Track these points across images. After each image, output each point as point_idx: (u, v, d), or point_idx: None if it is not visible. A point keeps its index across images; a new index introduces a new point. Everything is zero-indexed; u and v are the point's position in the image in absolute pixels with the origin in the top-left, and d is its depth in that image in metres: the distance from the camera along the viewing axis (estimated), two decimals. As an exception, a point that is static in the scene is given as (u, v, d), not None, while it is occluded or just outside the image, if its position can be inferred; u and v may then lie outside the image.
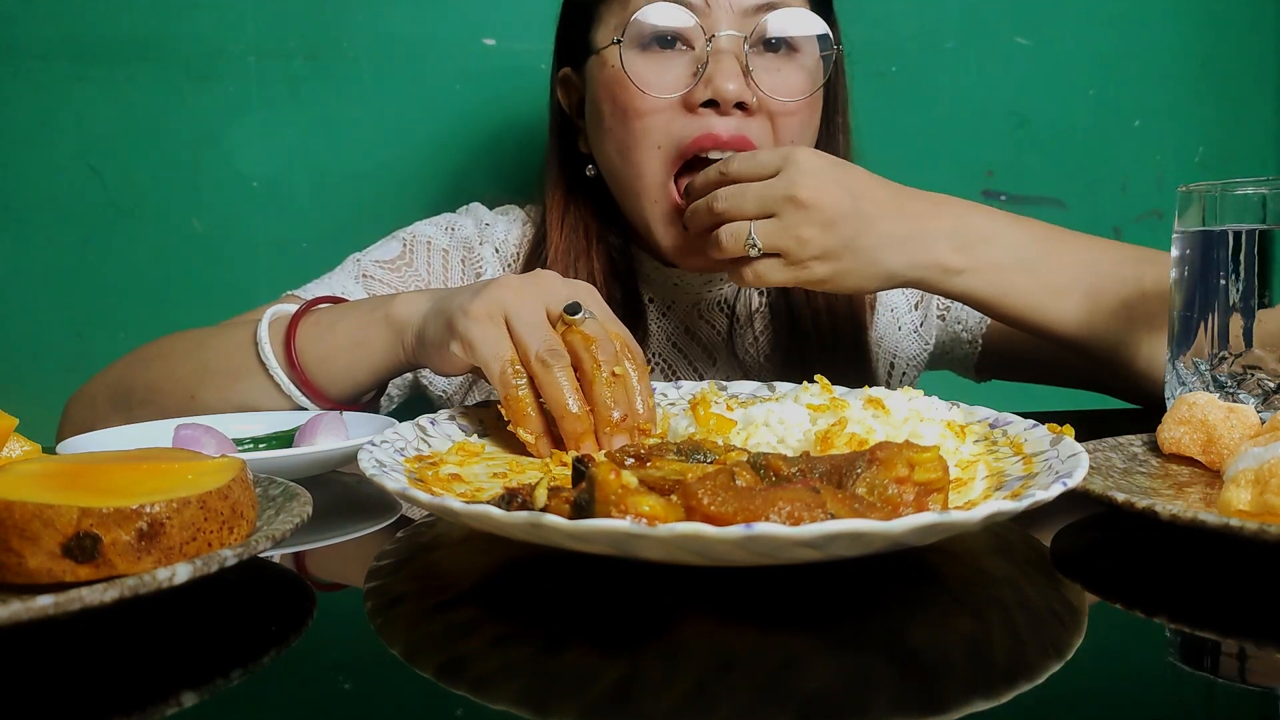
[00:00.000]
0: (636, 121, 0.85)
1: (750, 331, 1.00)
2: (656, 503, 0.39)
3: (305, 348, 0.76)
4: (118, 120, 1.18)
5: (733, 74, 0.82)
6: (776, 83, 0.85)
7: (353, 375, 0.76)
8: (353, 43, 1.22)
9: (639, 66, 0.85)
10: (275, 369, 0.76)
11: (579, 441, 0.61)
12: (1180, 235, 0.74)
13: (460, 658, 0.37)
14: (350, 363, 0.75)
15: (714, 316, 1.00)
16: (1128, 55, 1.40)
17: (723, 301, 1.00)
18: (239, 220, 1.21)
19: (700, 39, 0.84)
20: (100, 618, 0.37)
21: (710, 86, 0.83)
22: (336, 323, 0.76)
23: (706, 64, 0.83)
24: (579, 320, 0.64)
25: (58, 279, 1.19)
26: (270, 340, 0.76)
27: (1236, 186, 0.71)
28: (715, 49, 0.83)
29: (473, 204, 1.03)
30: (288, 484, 0.50)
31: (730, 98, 0.82)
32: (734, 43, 0.83)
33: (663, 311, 1.00)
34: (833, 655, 0.37)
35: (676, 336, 1.00)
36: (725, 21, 0.84)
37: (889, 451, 0.45)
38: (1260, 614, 0.42)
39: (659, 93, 0.84)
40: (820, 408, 0.60)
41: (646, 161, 0.86)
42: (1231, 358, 0.72)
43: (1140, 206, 1.42)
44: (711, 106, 0.83)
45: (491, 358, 0.63)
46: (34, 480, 0.40)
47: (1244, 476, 0.48)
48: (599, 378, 0.62)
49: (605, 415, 0.61)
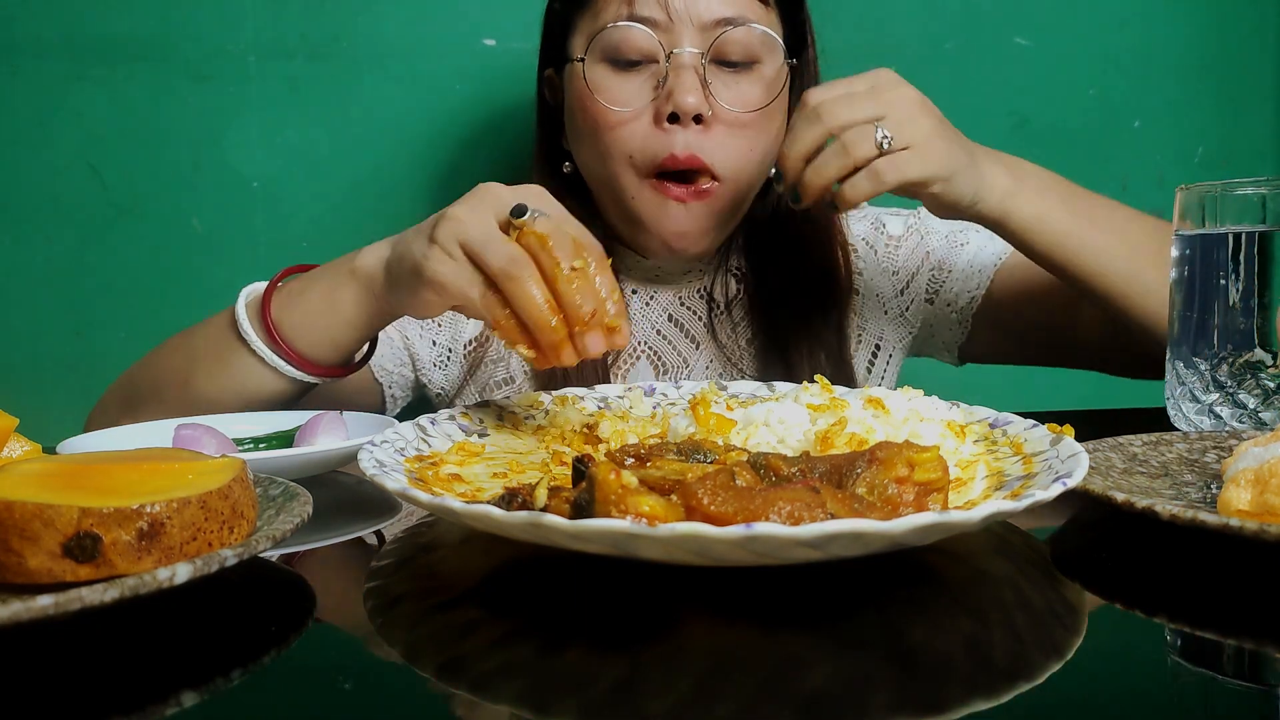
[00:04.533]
0: (608, 133, 0.89)
1: (729, 319, 1.02)
2: (656, 503, 0.39)
3: (281, 318, 0.76)
4: (117, 120, 1.18)
5: (691, 88, 0.86)
6: (733, 96, 0.88)
7: (332, 336, 0.77)
8: (353, 43, 1.22)
9: (606, 82, 0.89)
10: (257, 344, 0.76)
11: (558, 351, 0.61)
12: (1180, 235, 0.74)
13: (460, 658, 0.37)
14: (328, 325, 0.76)
15: (695, 304, 1.03)
16: (1128, 55, 1.40)
17: (702, 290, 1.03)
18: (239, 220, 1.21)
19: (662, 55, 0.87)
20: (100, 618, 0.37)
21: (671, 100, 0.86)
22: (307, 288, 0.77)
23: (666, 78, 0.87)
24: (529, 220, 0.62)
25: (57, 278, 1.19)
26: (248, 316, 0.77)
27: (1236, 186, 0.71)
28: (675, 64, 0.87)
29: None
30: (288, 484, 0.50)
31: (689, 111, 0.86)
32: (693, 58, 0.87)
33: (646, 302, 1.02)
34: (833, 655, 0.37)
35: (661, 325, 1.02)
36: (687, 37, 0.87)
37: (889, 451, 0.45)
38: (1260, 614, 0.42)
39: (623, 107, 0.88)
40: (820, 408, 0.60)
41: (622, 170, 0.90)
42: (1232, 358, 0.72)
43: (1140, 206, 1.41)
44: (675, 120, 0.87)
45: (464, 290, 0.62)
46: (34, 480, 0.40)
47: (1244, 476, 0.48)
48: (560, 275, 0.60)
49: (575, 315, 0.60)
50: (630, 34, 0.88)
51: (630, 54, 0.88)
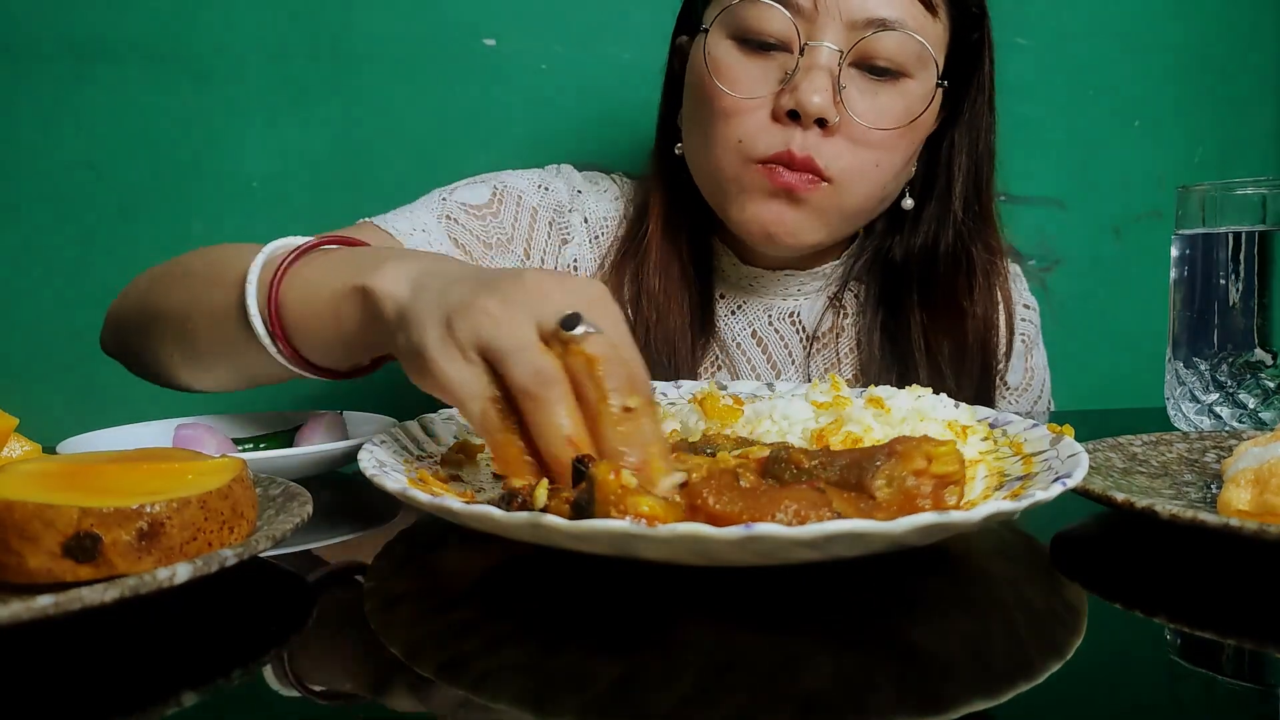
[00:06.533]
0: (719, 118, 0.81)
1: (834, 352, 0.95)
2: (655, 503, 0.39)
3: (287, 304, 0.63)
4: (118, 120, 1.18)
5: (820, 87, 0.77)
6: (868, 106, 0.79)
7: (328, 347, 0.63)
8: (353, 43, 1.22)
9: (730, 60, 0.80)
10: (255, 318, 0.63)
11: None
12: (1180, 235, 0.74)
13: (460, 658, 0.37)
14: (330, 338, 0.62)
15: (784, 328, 0.95)
16: (1127, 55, 1.40)
17: (796, 314, 0.95)
18: (239, 220, 1.21)
19: (797, 44, 0.78)
20: (100, 618, 0.37)
21: (794, 96, 0.77)
22: (318, 280, 0.62)
23: (796, 70, 0.78)
24: (579, 337, 0.48)
25: (58, 278, 1.19)
26: (257, 284, 0.64)
27: (1236, 186, 0.71)
28: (809, 58, 0.78)
29: (564, 165, 0.99)
30: (288, 484, 0.50)
31: (811, 111, 0.77)
32: (831, 56, 0.78)
33: (732, 310, 0.95)
34: (833, 655, 0.37)
35: (742, 339, 0.95)
36: (830, 30, 0.78)
37: (907, 445, 0.45)
38: (1260, 614, 0.42)
39: (740, 93, 0.80)
40: (824, 405, 0.60)
41: (726, 153, 0.82)
42: (1232, 358, 0.72)
43: (1140, 206, 1.42)
44: (795, 118, 0.78)
45: (465, 403, 0.50)
46: (34, 480, 0.40)
47: (1244, 476, 0.48)
48: (606, 413, 0.47)
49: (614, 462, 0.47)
50: (766, 13, 0.78)
51: (762, 35, 0.79)
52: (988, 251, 0.92)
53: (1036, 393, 0.99)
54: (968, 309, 0.91)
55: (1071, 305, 1.40)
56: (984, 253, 0.91)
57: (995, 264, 0.92)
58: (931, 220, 0.91)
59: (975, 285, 0.91)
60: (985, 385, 0.92)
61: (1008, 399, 0.98)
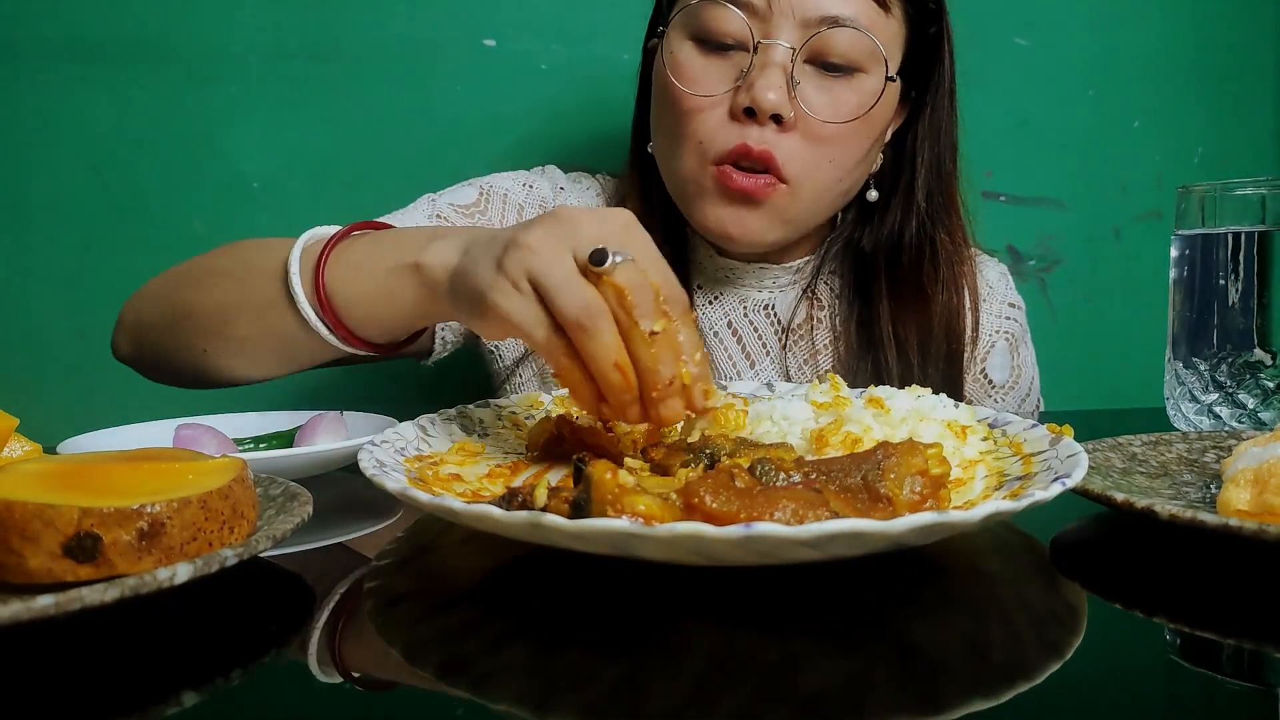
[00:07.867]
0: (681, 117, 0.83)
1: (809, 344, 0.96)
2: (652, 502, 0.39)
3: (336, 288, 0.67)
4: (119, 120, 1.18)
5: (774, 84, 0.79)
6: (822, 102, 0.81)
7: (386, 324, 0.69)
8: (353, 43, 1.22)
9: (689, 61, 0.83)
10: (304, 305, 0.67)
11: (624, 411, 0.56)
12: (1180, 235, 0.74)
13: (460, 658, 0.37)
14: (386, 315, 0.67)
15: (759, 320, 0.97)
16: (1127, 55, 1.40)
17: (770, 307, 0.97)
18: (239, 220, 1.21)
19: (752, 42, 0.80)
20: (100, 618, 0.37)
21: (749, 93, 0.79)
22: (365, 264, 0.67)
23: (751, 69, 0.80)
24: (608, 269, 0.55)
25: (59, 279, 1.19)
26: (300, 273, 0.68)
27: (1236, 186, 0.71)
28: (762, 56, 0.80)
29: (548, 166, 1.01)
30: (288, 484, 0.50)
31: (766, 108, 0.79)
32: (784, 53, 0.79)
33: (709, 301, 0.96)
34: (833, 655, 0.38)
35: (719, 329, 0.96)
36: (784, 29, 0.80)
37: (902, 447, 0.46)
38: (1260, 614, 0.42)
39: (698, 91, 0.82)
40: (824, 405, 0.60)
41: (688, 154, 0.84)
42: (1231, 358, 0.72)
43: (1140, 206, 1.42)
44: (751, 115, 0.80)
45: (530, 330, 0.56)
46: (34, 480, 0.41)
47: (1243, 476, 0.48)
48: (637, 336, 0.54)
49: (651, 380, 0.55)
50: (722, 14, 0.80)
51: (719, 35, 0.81)
52: (951, 239, 0.93)
53: (1024, 391, 0.99)
54: (931, 294, 0.92)
55: (1071, 305, 1.40)
56: (947, 240, 0.93)
57: (960, 251, 0.94)
58: (897, 211, 0.93)
59: (940, 271, 0.92)
60: (952, 372, 0.93)
61: (994, 397, 0.99)
